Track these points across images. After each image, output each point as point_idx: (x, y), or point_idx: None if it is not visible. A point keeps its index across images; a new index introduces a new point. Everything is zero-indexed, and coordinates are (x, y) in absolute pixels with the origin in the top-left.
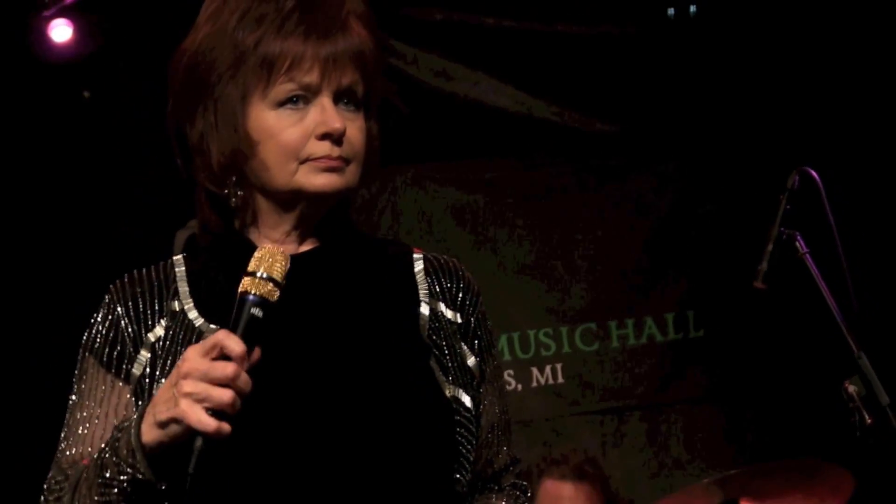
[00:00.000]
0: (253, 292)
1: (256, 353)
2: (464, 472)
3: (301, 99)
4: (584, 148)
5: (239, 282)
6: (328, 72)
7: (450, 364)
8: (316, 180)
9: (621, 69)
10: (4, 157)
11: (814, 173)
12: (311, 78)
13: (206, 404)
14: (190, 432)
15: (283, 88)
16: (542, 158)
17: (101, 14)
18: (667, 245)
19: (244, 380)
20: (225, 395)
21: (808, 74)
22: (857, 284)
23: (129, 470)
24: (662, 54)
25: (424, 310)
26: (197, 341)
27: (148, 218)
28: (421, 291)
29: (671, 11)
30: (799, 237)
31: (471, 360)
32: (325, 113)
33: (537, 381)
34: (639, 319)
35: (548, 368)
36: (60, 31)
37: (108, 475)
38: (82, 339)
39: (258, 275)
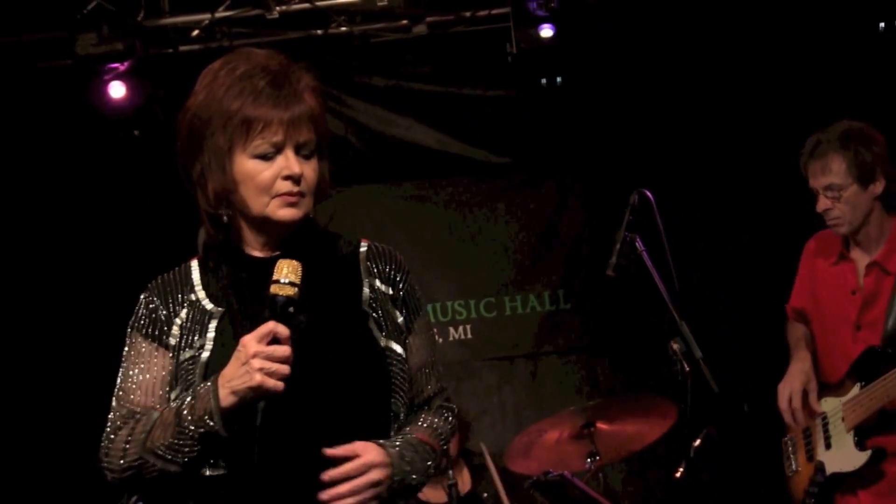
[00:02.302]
0: (282, 295)
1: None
2: (398, 400)
3: (274, 151)
4: (484, 173)
5: (232, 277)
6: (289, 132)
7: (384, 323)
8: (280, 213)
9: (509, 119)
10: (74, 179)
11: (648, 193)
12: (278, 138)
13: (275, 376)
14: (259, 396)
15: (258, 145)
16: (455, 180)
17: (147, 78)
18: (545, 242)
19: (289, 356)
20: (284, 368)
21: (643, 121)
22: (679, 272)
23: (206, 423)
24: (537, 109)
25: (365, 286)
26: (209, 321)
27: (177, 218)
28: (363, 272)
29: (544, 81)
30: (638, 239)
31: (400, 320)
32: (288, 161)
33: (453, 336)
34: (524, 295)
35: (460, 328)
36: (116, 89)
37: (186, 425)
38: (128, 323)
39: (282, 281)
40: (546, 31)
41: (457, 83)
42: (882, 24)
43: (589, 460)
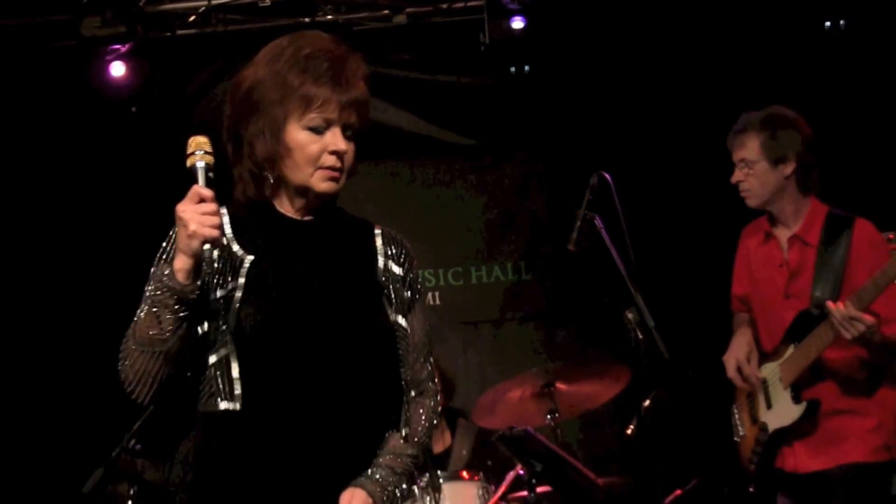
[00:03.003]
0: (201, 162)
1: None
2: (404, 369)
3: (326, 127)
4: (454, 154)
5: (268, 232)
6: (342, 113)
7: (394, 299)
8: (322, 185)
9: (479, 105)
10: (74, 150)
11: (607, 175)
12: (332, 115)
13: (207, 224)
14: (200, 244)
15: (312, 119)
16: (427, 160)
17: (145, 59)
18: (509, 218)
19: (217, 210)
20: (215, 219)
21: (604, 108)
22: (634, 248)
23: (169, 286)
24: (505, 96)
25: (380, 265)
26: (241, 267)
27: (171, 191)
28: (378, 253)
29: (513, 69)
30: (597, 217)
31: (406, 296)
32: (336, 138)
33: (428, 321)
34: (489, 266)
35: (430, 295)
36: (117, 68)
37: (160, 296)
38: (159, 253)
39: (197, 153)
40: (517, 23)
41: (432, 70)
42: (828, 24)
43: (549, 417)
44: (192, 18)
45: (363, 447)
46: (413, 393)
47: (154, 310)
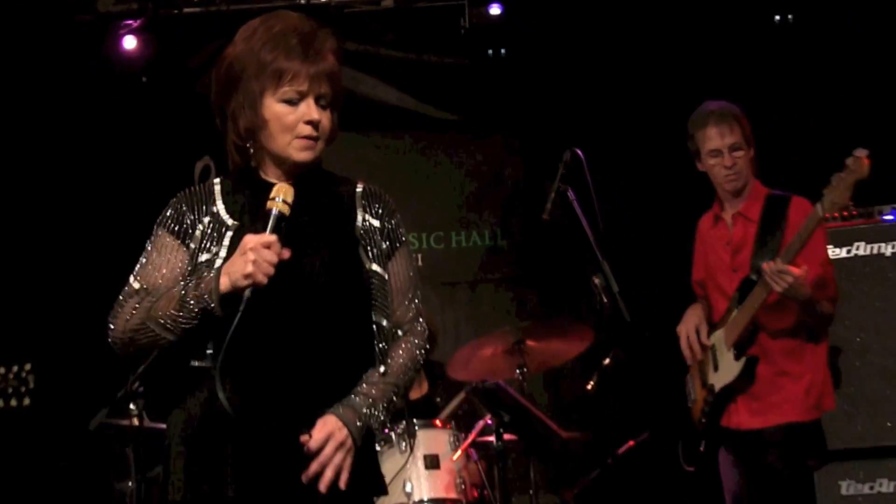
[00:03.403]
0: (277, 210)
1: (286, 251)
2: (379, 313)
3: (299, 98)
4: (437, 128)
5: (251, 198)
6: (313, 84)
7: (371, 250)
8: (298, 154)
9: (460, 83)
10: (91, 114)
11: (579, 151)
12: (303, 87)
13: (262, 271)
14: (247, 284)
15: (286, 92)
16: (412, 133)
17: (154, 34)
18: (488, 188)
19: (276, 262)
20: (270, 269)
21: (576, 88)
22: (603, 219)
23: (204, 300)
24: (484, 76)
25: (359, 219)
26: (225, 233)
27: (177, 152)
28: (357, 207)
29: (490, 52)
30: (570, 189)
31: (384, 246)
32: (309, 108)
33: (412, 268)
34: (468, 232)
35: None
36: (129, 42)
37: (189, 299)
38: (156, 220)
39: (277, 199)
40: (495, 10)
41: (416, 50)
42: (777, 17)
43: (518, 372)
44: None
45: (338, 391)
46: (399, 332)
47: (178, 313)
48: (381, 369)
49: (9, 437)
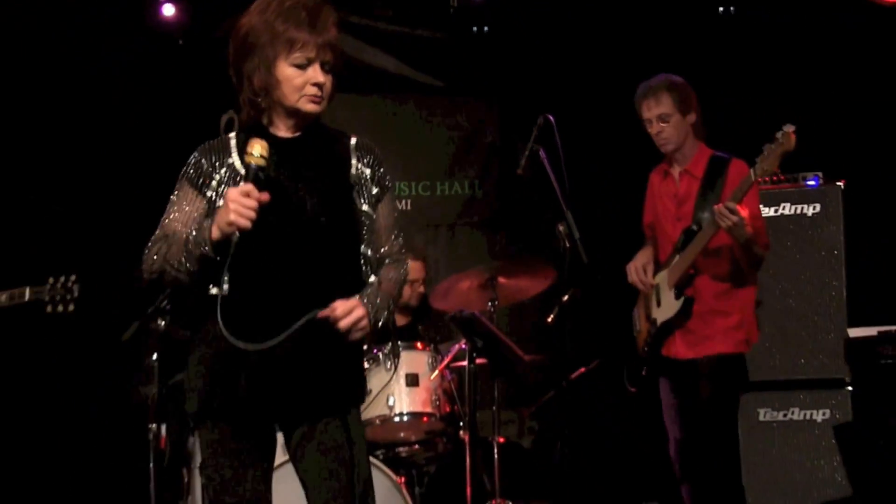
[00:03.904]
0: (254, 164)
1: (265, 195)
2: (367, 248)
3: (307, 63)
4: (428, 92)
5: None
6: (319, 52)
7: (363, 193)
8: (307, 107)
9: (449, 55)
10: (133, 72)
11: (551, 117)
12: (311, 54)
13: (243, 217)
14: (232, 229)
15: (296, 58)
16: (407, 96)
17: (189, 2)
18: (470, 145)
19: (255, 206)
20: (251, 213)
21: (549, 61)
22: (569, 175)
23: (201, 247)
24: (469, 49)
25: (353, 167)
26: (239, 180)
27: (206, 105)
28: (352, 157)
29: (475, 28)
30: (542, 149)
31: (374, 191)
32: (315, 72)
33: (396, 209)
34: (451, 182)
35: (403, 202)
36: (168, 9)
37: (190, 246)
38: (181, 172)
39: (254, 154)
40: None
41: (411, 25)
42: (721, 9)
43: (490, 304)
44: None
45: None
46: (388, 261)
47: (183, 258)
48: (377, 283)
49: (54, 338)
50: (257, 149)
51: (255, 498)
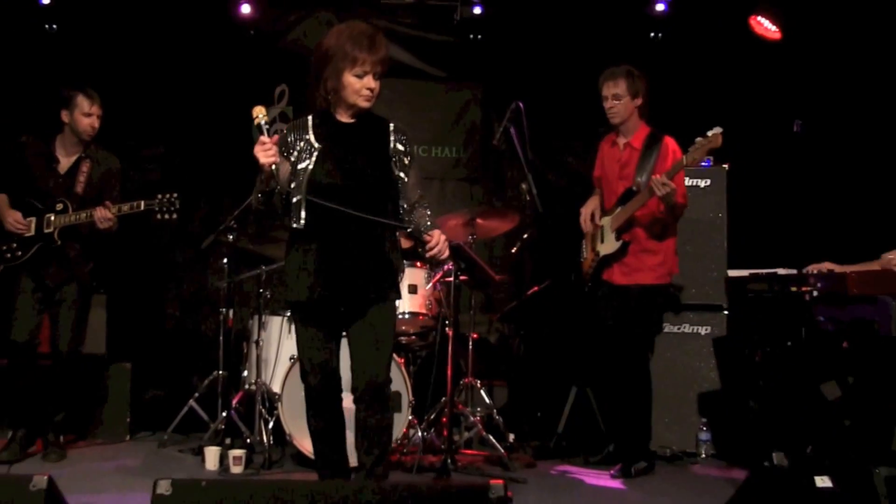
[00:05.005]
0: (262, 122)
1: (275, 137)
2: (402, 202)
3: (364, 74)
4: (429, 79)
5: (328, 129)
6: (373, 66)
7: (398, 163)
8: (362, 103)
9: (451, 53)
10: (213, 55)
11: (521, 104)
12: (367, 68)
13: (265, 159)
14: (268, 167)
15: (358, 70)
16: (414, 81)
17: (265, 2)
18: (457, 121)
19: (275, 151)
20: (270, 154)
21: (522, 62)
22: (532, 147)
23: (259, 185)
24: (465, 50)
25: (391, 144)
26: (313, 151)
27: (267, 79)
28: (390, 137)
29: (471, 36)
30: (512, 128)
31: (406, 161)
32: (369, 80)
33: (419, 172)
34: (442, 147)
35: None
36: (245, 8)
37: (260, 184)
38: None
39: (259, 117)
40: (477, 10)
41: (425, 30)
42: (651, 34)
43: (470, 237)
44: None
45: (376, 233)
46: (417, 206)
47: (257, 193)
48: (422, 218)
49: (160, 237)
50: (259, 114)
51: (331, 363)
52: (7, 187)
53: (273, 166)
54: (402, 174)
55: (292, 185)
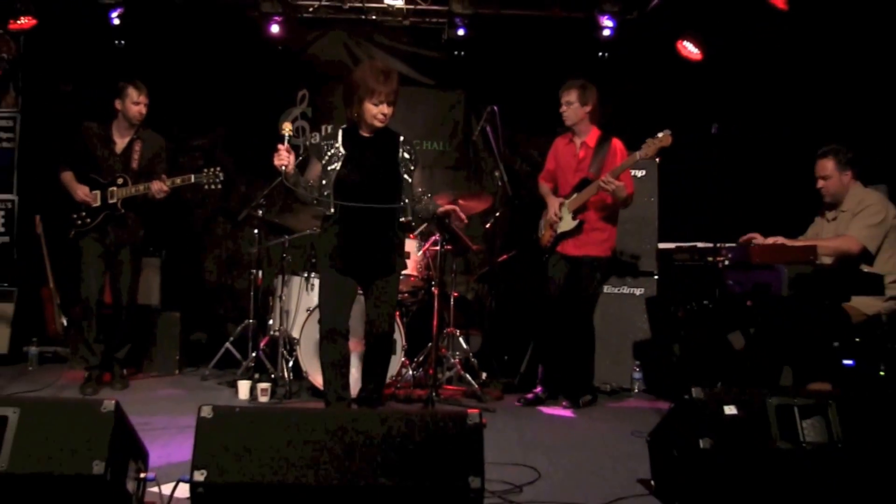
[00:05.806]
0: (286, 134)
1: (288, 149)
2: (407, 204)
3: (380, 103)
4: (422, 86)
5: (353, 140)
6: (387, 96)
7: (405, 168)
8: (376, 124)
9: (439, 66)
10: (247, 66)
11: (495, 107)
12: (382, 98)
13: (280, 163)
14: (281, 171)
15: (374, 100)
16: (410, 87)
17: (290, 24)
18: (444, 120)
19: (286, 158)
20: (284, 160)
21: (498, 74)
22: (505, 143)
23: (282, 176)
24: (450, 64)
25: (400, 153)
26: (342, 157)
27: (291, 85)
28: (400, 147)
29: (456, 52)
30: (489, 127)
31: (412, 167)
32: (383, 107)
33: (422, 175)
34: (431, 141)
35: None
36: (274, 27)
37: (286, 181)
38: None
39: (284, 131)
40: (461, 32)
41: (417, 47)
42: (600, 53)
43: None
44: (311, 8)
45: (388, 219)
46: (420, 198)
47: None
48: (417, 203)
49: (206, 203)
50: (287, 128)
51: (343, 315)
52: (72, 165)
53: (283, 168)
54: (407, 176)
55: (323, 182)
